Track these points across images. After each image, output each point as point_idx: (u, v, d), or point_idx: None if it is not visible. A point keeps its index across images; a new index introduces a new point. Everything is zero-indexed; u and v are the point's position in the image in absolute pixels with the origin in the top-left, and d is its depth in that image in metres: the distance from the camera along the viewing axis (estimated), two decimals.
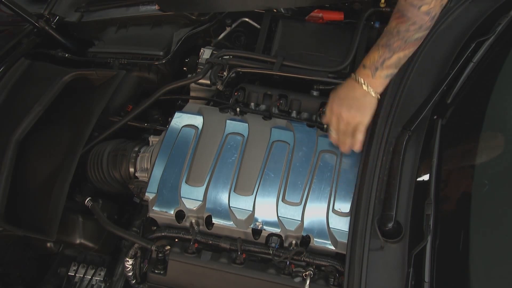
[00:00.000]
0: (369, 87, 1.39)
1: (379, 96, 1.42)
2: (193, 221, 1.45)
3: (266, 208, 1.42)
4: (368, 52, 1.41)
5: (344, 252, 1.31)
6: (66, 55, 2.02)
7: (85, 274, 1.67)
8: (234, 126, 1.57)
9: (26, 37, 1.99)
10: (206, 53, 1.86)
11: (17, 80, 1.77)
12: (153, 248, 1.42)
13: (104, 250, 1.65)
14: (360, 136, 1.41)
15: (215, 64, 1.72)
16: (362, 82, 1.39)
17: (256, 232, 1.41)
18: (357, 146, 1.43)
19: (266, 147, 1.52)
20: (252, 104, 1.69)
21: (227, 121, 1.59)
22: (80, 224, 1.57)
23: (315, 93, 1.71)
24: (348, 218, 1.36)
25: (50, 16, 2.05)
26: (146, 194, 1.46)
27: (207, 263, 1.37)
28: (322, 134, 1.56)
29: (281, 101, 1.66)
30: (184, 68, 1.98)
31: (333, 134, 1.46)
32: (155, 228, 1.49)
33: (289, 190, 1.44)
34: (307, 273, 1.33)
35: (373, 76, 1.38)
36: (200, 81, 1.75)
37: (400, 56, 1.38)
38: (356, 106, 1.39)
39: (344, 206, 1.41)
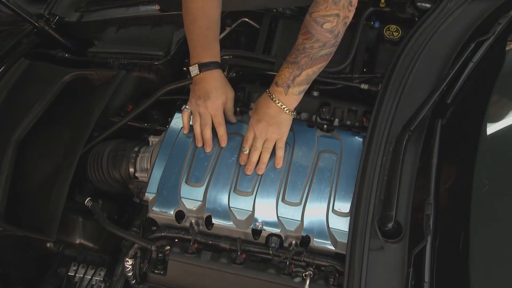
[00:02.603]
0: (283, 105, 1.43)
1: (294, 113, 1.46)
2: (193, 221, 1.45)
3: (266, 208, 1.42)
4: (280, 69, 1.44)
5: (344, 252, 1.31)
6: (66, 55, 2.02)
7: (85, 274, 1.67)
8: (234, 126, 1.57)
9: (26, 37, 1.99)
10: None
11: (17, 80, 1.77)
12: (153, 248, 1.42)
13: (104, 250, 1.64)
14: (281, 153, 1.46)
15: None
16: (276, 100, 1.43)
17: (256, 232, 1.41)
18: (280, 164, 1.46)
19: None
20: (252, 104, 1.69)
21: (227, 121, 1.59)
22: (80, 224, 1.57)
23: (315, 93, 1.71)
24: (348, 218, 1.36)
25: (50, 16, 2.05)
26: (146, 194, 1.46)
27: (207, 263, 1.37)
28: (322, 134, 1.56)
29: None
30: (184, 68, 1.97)
31: (245, 152, 1.46)
32: (155, 228, 1.49)
33: (289, 190, 1.44)
34: (307, 273, 1.33)
35: (286, 93, 1.43)
36: None
37: (308, 72, 1.41)
38: (274, 124, 1.44)
39: (344, 206, 1.40)
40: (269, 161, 1.47)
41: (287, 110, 1.44)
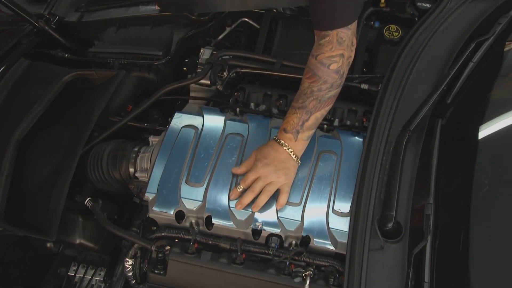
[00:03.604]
0: (292, 151, 1.42)
1: (299, 162, 1.44)
2: (193, 221, 1.45)
3: (266, 208, 1.42)
4: (286, 116, 1.43)
5: (344, 252, 1.31)
6: (66, 55, 2.02)
7: (85, 274, 1.67)
8: (234, 126, 1.57)
9: (26, 37, 1.99)
10: (206, 53, 1.86)
11: (17, 80, 1.77)
12: (153, 248, 1.42)
13: (104, 250, 1.64)
14: (284, 200, 1.41)
15: (215, 64, 1.72)
16: (286, 146, 1.42)
17: (256, 232, 1.41)
18: (281, 207, 1.42)
19: None
20: (252, 104, 1.69)
21: (227, 121, 1.59)
22: (80, 224, 1.57)
23: None
24: (348, 218, 1.36)
25: (50, 16, 2.05)
26: (146, 194, 1.46)
27: (207, 263, 1.37)
28: (322, 134, 1.56)
29: (281, 101, 1.66)
30: (184, 69, 1.97)
31: (239, 190, 1.43)
32: (155, 228, 1.49)
33: None
34: (307, 273, 1.33)
35: (296, 139, 1.42)
36: (200, 81, 1.75)
37: (317, 116, 1.41)
38: (282, 169, 1.41)
39: (344, 206, 1.40)
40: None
41: (294, 156, 1.42)
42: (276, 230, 1.39)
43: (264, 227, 1.40)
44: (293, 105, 1.42)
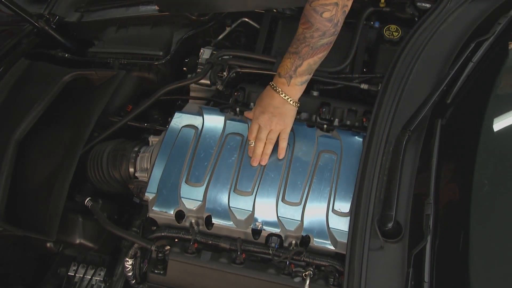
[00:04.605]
0: (286, 95, 1.44)
1: (298, 104, 1.47)
2: (193, 221, 1.45)
3: (266, 208, 1.42)
4: (282, 60, 1.45)
5: (344, 252, 1.31)
6: (66, 55, 2.02)
7: (85, 274, 1.67)
8: (234, 126, 1.57)
9: (26, 37, 1.99)
10: (206, 53, 1.86)
11: (17, 80, 1.77)
12: (153, 248, 1.42)
13: (104, 250, 1.64)
14: (284, 144, 1.47)
15: (215, 64, 1.72)
16: (280, 91, 1.44)
17: (256, 232, 1.41)
18: (282, 154, 1.47)
19: None
20: (252, 104, 1.69)
21: (227, 121, 1.59)
22: (80, 224, 1.57)
23: (315, 93, 1.71)
24: (348, 218, 1.36)
25: (50, 16, 2.05)
26: (146, 194, 1.46)
27: (207, 263, 1.38)
28: (322, 134, 1.56)
29: None
30: (184, 68, 1.98)
31: (251, 145, 1.48)
32: (155, 228, 1.49)
33: (289, 190, 1.44)
34: (307, 273, 1.33)
35: (289, 84, 1.43)
36: (200, 81, 1.75)
37: (310, 62, 1.42)
38: (277, 115, 1.45)
39: (344, 206, 1.40)
40: (272, 155, 1.48)
41: (291, 100, 1.45)
42: (276, 230, 1.39)
43: (264, 227, 1.40)
44: (288, 49, 1.44)
